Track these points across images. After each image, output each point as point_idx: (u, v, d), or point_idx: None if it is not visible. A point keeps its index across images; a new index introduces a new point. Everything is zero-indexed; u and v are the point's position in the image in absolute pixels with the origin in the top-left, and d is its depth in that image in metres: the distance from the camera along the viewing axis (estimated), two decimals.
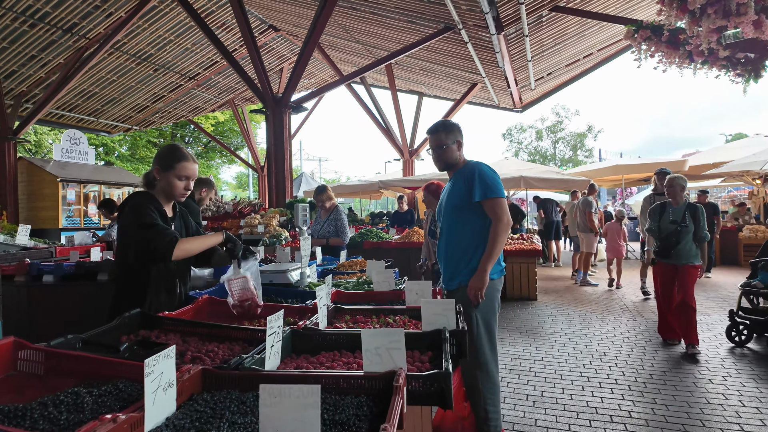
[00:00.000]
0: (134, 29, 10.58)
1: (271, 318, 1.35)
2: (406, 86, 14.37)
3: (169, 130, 23.44)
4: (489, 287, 2.40)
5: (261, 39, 12.71)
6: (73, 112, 12.83)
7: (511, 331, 5.12)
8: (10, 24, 9.27)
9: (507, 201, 8.66)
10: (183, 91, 13.86)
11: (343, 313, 1.95)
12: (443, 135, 2.52)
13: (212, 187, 3.62)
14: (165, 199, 2.15)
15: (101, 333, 1.49)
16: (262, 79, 7.41)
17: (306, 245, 2.49)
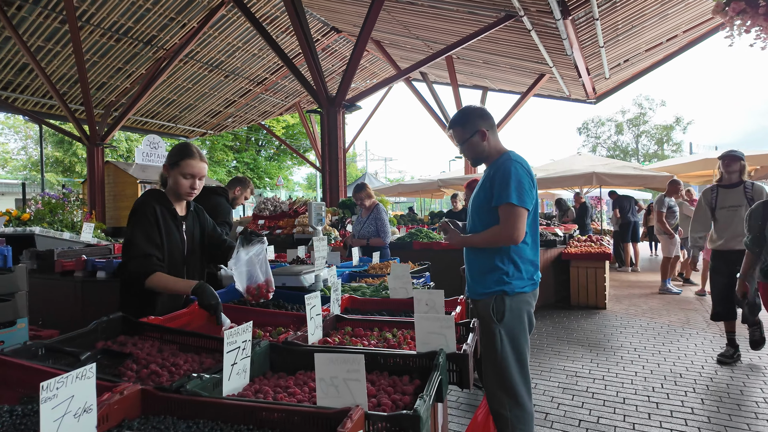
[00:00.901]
0: (205, 38, 11.18)
1: (232, 332, 1.20)
2: (469, 81, 13.90)
3: (244, 134, 24.70)
4: (517, 301, 2.10)
5: (323, 41, 12.92)
6: (155, 118, 13.86)
7: (571, 344, 4.64)
8: (99, 39, 10.16)
9: (579, 199, 7.84)
10: (252, 96, 14.46)
11: (345, 324, 1.77)
12: (460, 129, 2.23)
13: (247, 186, 3.60)
14: (175, 198, 2.12)
15: (76, 337, 1.43)
16: (317, 80, 7.44)
17: (321, 246, 2.34)
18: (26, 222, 5.90)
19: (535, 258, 2.21)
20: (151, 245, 1.94)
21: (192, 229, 2.18)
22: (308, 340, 1.53)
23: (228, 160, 23.86)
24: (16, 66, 10.17)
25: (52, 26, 9.45)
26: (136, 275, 1.90)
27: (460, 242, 2.22)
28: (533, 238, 2.21)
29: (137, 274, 1.90)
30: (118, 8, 9.48)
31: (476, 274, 2.19)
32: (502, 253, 2.12)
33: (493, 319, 2.09)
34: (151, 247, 1.94)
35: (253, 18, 8.43)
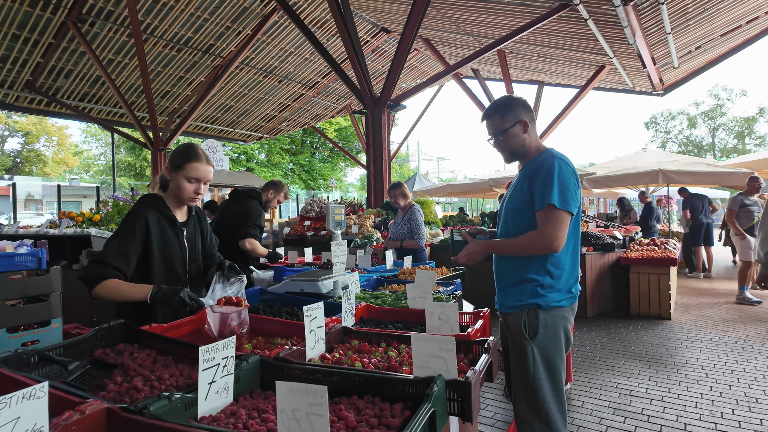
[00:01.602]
0: (259, 45, 11.54)
1: (210, 348, 1.13)
2: (524, 76, 13.36)
3: (300, 137, 25.38)
4: (553, 315, 1.88)
5: (373, 43, 12.94)
6: (214, 124, 14.51)
7: (627, 358, 4.25)
8: (161, 50, 10.76)
9: (644, 199, 7.23)
10: (305, 100, 14.77)
11: (352, 337, 1.66)
12: (498, 118, 2.00)
13: (280, 190, 3.60)
14: (175, 203, 2.02)
15: (75, 344, 1.43)
16: (361, 81, 7.41)
17: (340, 251, 2.24)
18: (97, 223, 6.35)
19: (574, 268, 1.98)
20: (119, 256, 1.82)
21: (194, 235, 2.09)
22: (306, 355, 1.44)
23: (284, 163, 24.61)
24: (90, 79, 11.01)
25: (121, 40, 10.12)
26: (85, 281, 1.78)
27: (486, 248, 2.00)
28: (574, 246, 1.99)
29: (86, 280, 1.78)
30: (178, 20, 9.99)
31: (506, 284, 2.00)
32: (537, 262, 1.91)
33: (524, 335, 1.89)
34: (117, 257, 1.82)
35: (301, 24, 8.54)
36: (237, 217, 3.28)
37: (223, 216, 3.38)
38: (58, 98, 11.13)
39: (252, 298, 2.25)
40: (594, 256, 5.95)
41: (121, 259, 1.82)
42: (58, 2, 8.73)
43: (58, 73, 10.53)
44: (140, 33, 9.10)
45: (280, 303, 2.19)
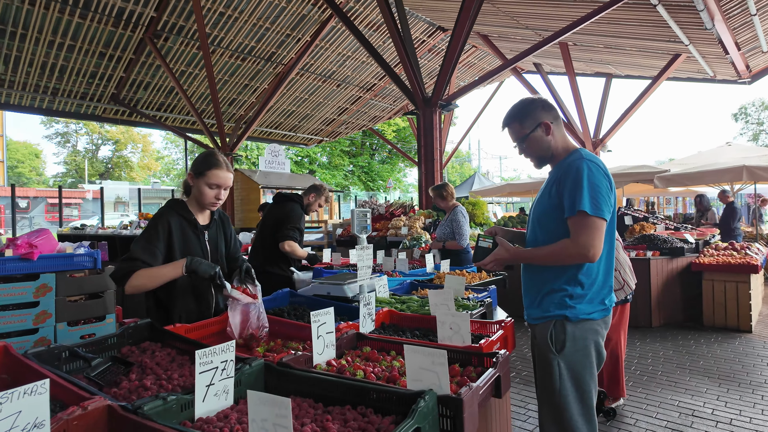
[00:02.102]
0: (317, 50, 11.87)
1: (207, 351, 1.17)
2: (590, 69, 12.65)
3: (359, 139, 25.81)
4: (582, 329, 1.75)
5: (429, 42, 12.87)
6: (278, 129, 15.13)
7: (694, 374, 3.88)
8: (228, 60, 11.39)
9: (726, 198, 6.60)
10: (362, 102, 14.99)
11: (365, 343, 1.65)
12: (517, 125, 1.90)
13: (321, 193, 3.66)
14: (197, 207, 2.09)
15: (104, 340, 1.54)
16: (412, 81, 7.38)
17: (364, 255, 2.24)
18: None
19: (608, 278, 1.84)
20: (146, 252, 1.91)
21: (216, 238, 2.15)
22: (313, 360, 1.46)
23: (344, 165, 25.15)
24: (165, 90, 11.89)
25: (191, 52, 10.84)
26: (116, 278, 1.86)
27: (514, 257, 1.89)
28: (608, 254, 1.84)
29: (117, 277, 1.86)
30: (242, 30, 10.53)
31: (533, 294, 1.89)
32: (568, 271, 1.79)
33: (550, 348, 1.77)
34: (142, 253, 1.90)
35: (355, 29, 8.66)
36: (278, 220, 3.40)
37: (266, 218, 3.52)
38: (139, 109, 12.13)
39: (281, 300, 2.31)
40: (661, 261, 5.49)
41: (147, 254, 1.91)
42: (137, 21, 9.52)
43: (138, 85, 11.48)
44: (207, 45, 9.68)
45: (307, 305, 2.24)
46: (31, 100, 11.04)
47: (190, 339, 1.56)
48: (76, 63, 10.10)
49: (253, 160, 22.54)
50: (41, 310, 2.50)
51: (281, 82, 11.90)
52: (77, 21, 9.00)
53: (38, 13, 8.58)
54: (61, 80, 10.52)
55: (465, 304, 2.16)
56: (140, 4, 9.14)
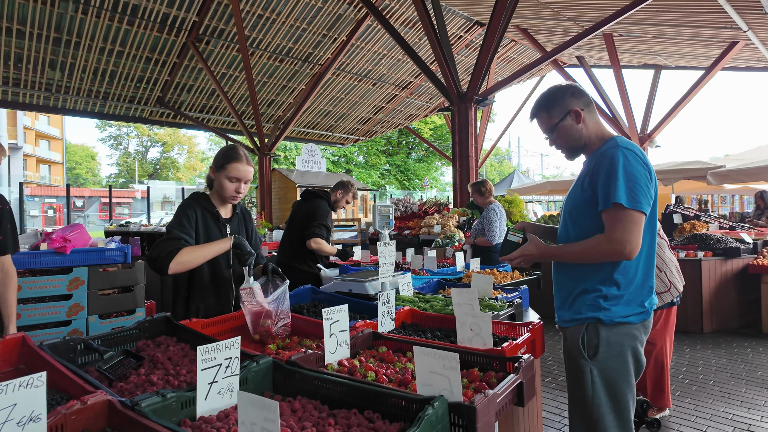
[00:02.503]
0: (353, 50, 11.90)
1: (210, 348, 1.14)
2: (637, 60, 12.04)
3: (396, 138, 25.76)
4: (617, 333, 1.61)
5: (466, 37, 12.64)
6: (315, 129, 15.30)
7: (751, 384, 3.56)
8: (266, 62, 11.61)
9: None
10: (398, 101, 14.92)
11: (381, 343, 1.58)
12: (545, 114, 1.76)
13: (348, 190, 3.62)
14: (219, 201, 2.12)
15: (119, 333, 1.54)
16: (446, 76, 7.23)
17: (387, 252, 2.16)
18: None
19: (648, 277, 1.69)
20: (183, 232, 1.93)
21: (238, 232, 2.16)
22: (324, 359, 1.40)
23: (381, 164, 25.18)
24: (207, 92, 12.26)
25: (231, 55, 11.12)
26: (159, 258, 1.83)
27: (544, 253, 1.76)
28: (648, 251, 1.69)
29: (162, 255, 1.83)
30: (280, 32, 10.70)
31: (564, 294, 1.76)
32: (603, 269, 1.64)
33: (582, 353, 1.64)
34: (181, 232, 1.92)
35: (390, 27, 8.59)
36: (305, 217, 3.39)
37: (294, 215, 3.51)
38: (182, 111, 12.57)
39: (303, 296, 2.28)
40: (713, 262, 5.10)
41: (186, 234, 1.94)
42: (180, 26, 9.85)
43: (182, 88, 11.89)
44: (246, 47, 9.89)
45: (328, 302, 2.19)
46: (85, 104, 11.66)
47: (201, 334, 1.53)
48: (125, 68, 10.57)
49: (292, 159, 22.95)
50: (74, 303, 2.60)
51: (318, 82, 12.01)
52: (125, 28, 9.42)
53: (90, 21, 9.02)
54: (111, 85, 11.04)
55: (491, 304, 2.04)
56: (183, 9, 9.45)
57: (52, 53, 9.63)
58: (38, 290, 2.40)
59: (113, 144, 36.43)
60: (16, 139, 24.75)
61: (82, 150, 37.70)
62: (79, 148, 38.04)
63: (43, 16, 8.68)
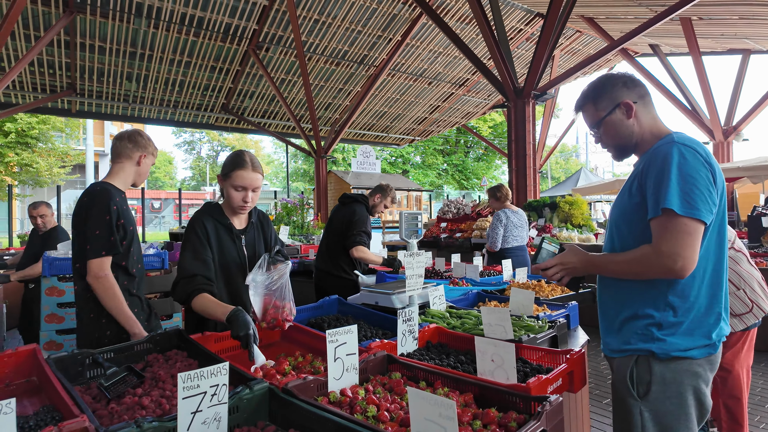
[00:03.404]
0: (408, 49, 11.79)
1: (192, 374, 1.06)
2: (721, 45, 10.90)
3: (454, 137, 25.28)
4: (675, 370, 1.35)
5: (527, 30, 12.10)
6: (370, 130, 15.35)
7: None
8: (323, 66, 11.80)
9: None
10: (455, 99, 14.60)
11: (396, 368, 1.44)
12: (591, 107, 1.54)
13: (387, 194, 3.50)
14: (231, 211, 2.01)
15: (131, 347, 1.52)
16: (502, 71, 6.90)
17: (414, 263, 2.00)
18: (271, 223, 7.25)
19: (715, 302, 1.40)
20: (198, 263, 1.85)
21: (254, 242, 2.05)
22: (328, 386, 1.28)
23: (438, 164, 24.82)
24: (267, 98, 12.67)
25: (290, 61, 11.41)
26: (180, 299, 1.84)
27: (586, 263, 1.52)
28: (715, 269, 1.41)
29: (181, 299, 1.83)
30: (336, 36, 10.82)
31: (609, 318, 1.51)
32: (654, 290, 1.39)
33: (630, 391, 1.39)
34: (197, 265, 1.85)
35: (444, 25, 8.37)
36: (343, 222, 3.32)
37: (332, 220, 3.45)
38: (245, 117, 13.08)
39: (329, 307, 2.19)
40: None
41: (200, 266, 1.86)
42: (242, 35, 10.25)
43: (244, 95, 12.37)
44: (303, 52, 10.09)
45: (354, 316, 2.08)
46: (158, 113, 12.46)
47: (207, 352, 1.47)
48: (192, 77, 11.17)
49: (350, 161, 23.26)
50: None
51: (372, 83, 12.03)
52: (192, 39, 9.94)
53: (161, 35, 9.62)
54: (181, 94, 11.71)
55: (529, 324, 1.83)
56: (244, 19, 9.82)
57: (129, 66, 10.37)
58: None
59: (187, 149, 39.01)
60: (103, 146, 27.22)
61: (160, 155, 40.78)
62: (158, 152, 41.14)
63: (121, 33, 9.36)
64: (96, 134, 25.76)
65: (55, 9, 8.46)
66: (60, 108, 11.40)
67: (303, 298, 3.41)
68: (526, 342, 1.59)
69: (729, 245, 1.97)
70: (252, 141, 36.54)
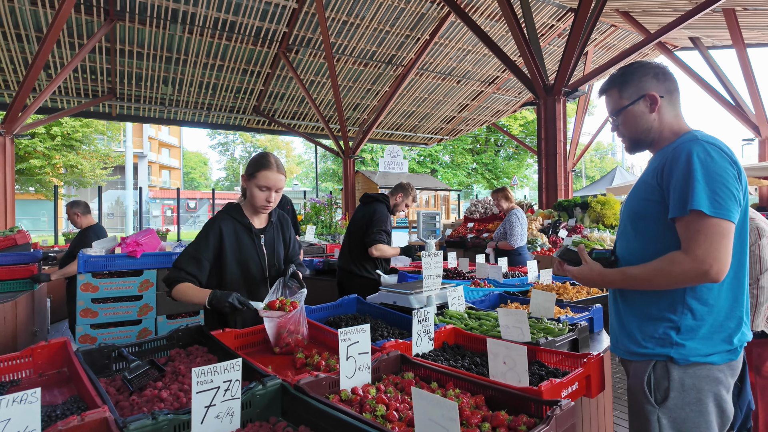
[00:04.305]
0: (436, 48, 11.72)
1: (207, 369, 1.09)
2: (766, 37, 10.34)
3: (484, 135, 24.96)
4: (694, 375, 1.29)
5: (559, 26, 11.83)
6: (398, 130, 15.35)
7: None
8: (351, 67, 11.88)
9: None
10: (484, 97, 14.42)
11: (410, 368, 1.44)
12: (616, 93, 1.47)
13: (408, 193, 3.49)
14: (252, 210, 2.06)
15: (155, 341, 1.58)
16: (531, 67, 6.77)
17: (432, 263, 1.98)
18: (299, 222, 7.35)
19: (737, 304, 1.34)
20: (193, 262, 1.92)
21: (273, 241, 2.09)
22: (340, 384, 1.30)
23: (467, 163, 24.55)
24: (297, 99, 12.86)
25: (319, 62, 11.54)
26: (166, 284, 1.92)
27: (602, 281, 1.45)
28: (736, 272, 1.34)
29: (166, 284, 1.91)
30: (364, 36, 10.88)
31: (626, 320, 1.44)
32: (673, 291, 1.33)
33: (648, 398, 1.34)
34: (189, 263, 1.92)
35: (472, 23, 8.28)
36: (364, 221, 3.33)
37: (354, 220, 3.47)
38: (276, 118, 13.33)
39: (347, 306, 2.20)
40: None
41: (192, 265, 1.93)
42: (272, 38, 10.44)
43: (275, 97, 12.60)
44: (331, 54, 10.19)
45: (372, 315, 2.09)
46: (192, 115, 12.85)
47: (225, 346, 1.52)
48: (225, 80, 11.46)
49: (378, 161, 23.37)
50: (144, 303, 2.81)
51: (400, 83, 12.03)
52: (224, 43, 10.20)
53: (195, 39, 9.92)
54: (214, 96, 12.04)
55: (548, 327, 1.79)
56: (274, 22, 10.00)
57: (165, 71, 10.74)
58: (113, 291, 2.63)
59: (221, 150, 40.14)
60: (142, 148, 28.40)
61: (196, 156, 42.13)
62: (193, 154, 42.49)
63: (157, 39, 9.71)
64: (135, 137, 26.85)
65: (97, 17, 8.86)
66: (101, 112, 11.92)
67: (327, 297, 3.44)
68: (543, 345, 1.56)
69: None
70: (283, 142, 37.23)
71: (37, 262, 3.54)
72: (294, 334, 1.68)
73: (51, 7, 8.26)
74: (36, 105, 8.26)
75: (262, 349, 1.76)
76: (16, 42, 8.94)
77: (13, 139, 8.14)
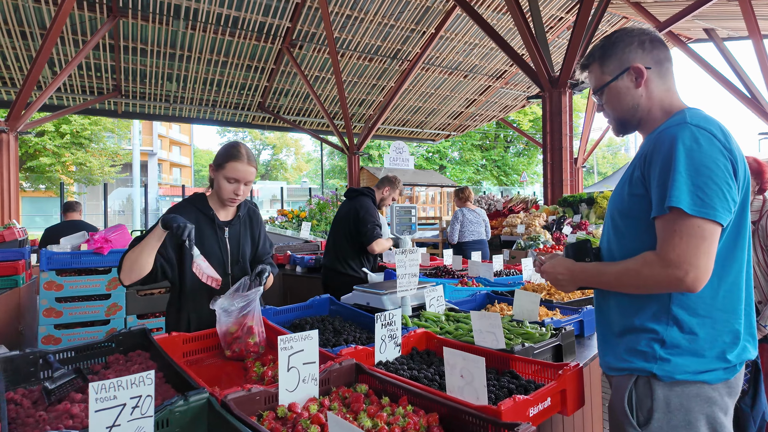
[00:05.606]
0: (442, 42, 11.51)
1: (104, 385, 0.95)
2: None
3: (493, 131, 24.62)
4: (681, 394, 1.12)
5: (568, 19, 11.55)
6: (405, 126, 15.17)
7: None
8: (356, 62, 11.73)
9: None
10: (492, 92, 14.17)
11: (365, 379, 1.29)
12: (597, 66, 1.30)
13: (395, 186, 3.34)
14: (218, 203, 1.94)
15: (92, 346, 1.45)
16: (536, 59, 6.55)
17: (407, 260, 1.82)
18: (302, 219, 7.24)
19: (733, 317, 1.16)
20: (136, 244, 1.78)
21: (238, 236, 1.96)
22: (279, 399, 1.15)
23: (476, 159, 24.25)
24: (302, 95, 12.75)
25: (323, 58, 11.41)
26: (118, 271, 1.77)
27: (571, 276, 1.28)
28: (736, 279, 1.17)
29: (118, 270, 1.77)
30: (368, 31, 10.71)
31: (607, 329, 1.28)
32: (656, 300, 1.17)
33: (629, 418, 1.17)
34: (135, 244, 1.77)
35: (477, 15, 8.07)
36: (351, 218, 3.18)
37: (338, 215, 3.33)
38: (281, 115, 13.23)
39: (318, 307, 2.06)
40: None
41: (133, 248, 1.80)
42: (275, 33, 10.33)
43: (280, 93, 12.50)
44: (335, 49, 10.05)
45: (344, 317, 1.95)
46: (197, 112, 12.81)
47: (164, 353, 1.38)
48: (229, 77, 11.38)
49: None
50: (112, 302, 2.68)
51: (406, 78, 11.84)
52: (228, 39, 10.12)
53: (198, 35, 9.85)
54: (219, 93, 11.98)
55: (528, 332, 1.62)
56: (277, 17, 9.88)
57: (169, 67, 10.70)
58: (79, 289, 2.51)
59: None
60: (152, 146, 28.58)
61: (206, 154, 42.33)
62: (204, 152, 42.74)
63: (161, 35, 9.66)
64: (145, 135, 27.03)
65: (100, 14, 8.82)
66: (107, 109, 11.94)
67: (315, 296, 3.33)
68: (518, 352, 1.40)
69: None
70: (291, 139, 37.26)
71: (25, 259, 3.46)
72: (244, 338, 1.54)
73: (54, 4, 8.23)
74: (40, 102, 8.25)
75: (217, 354, 1.62)
76: (21, 39, 8.94)
77: (17, 136, 8.15)
